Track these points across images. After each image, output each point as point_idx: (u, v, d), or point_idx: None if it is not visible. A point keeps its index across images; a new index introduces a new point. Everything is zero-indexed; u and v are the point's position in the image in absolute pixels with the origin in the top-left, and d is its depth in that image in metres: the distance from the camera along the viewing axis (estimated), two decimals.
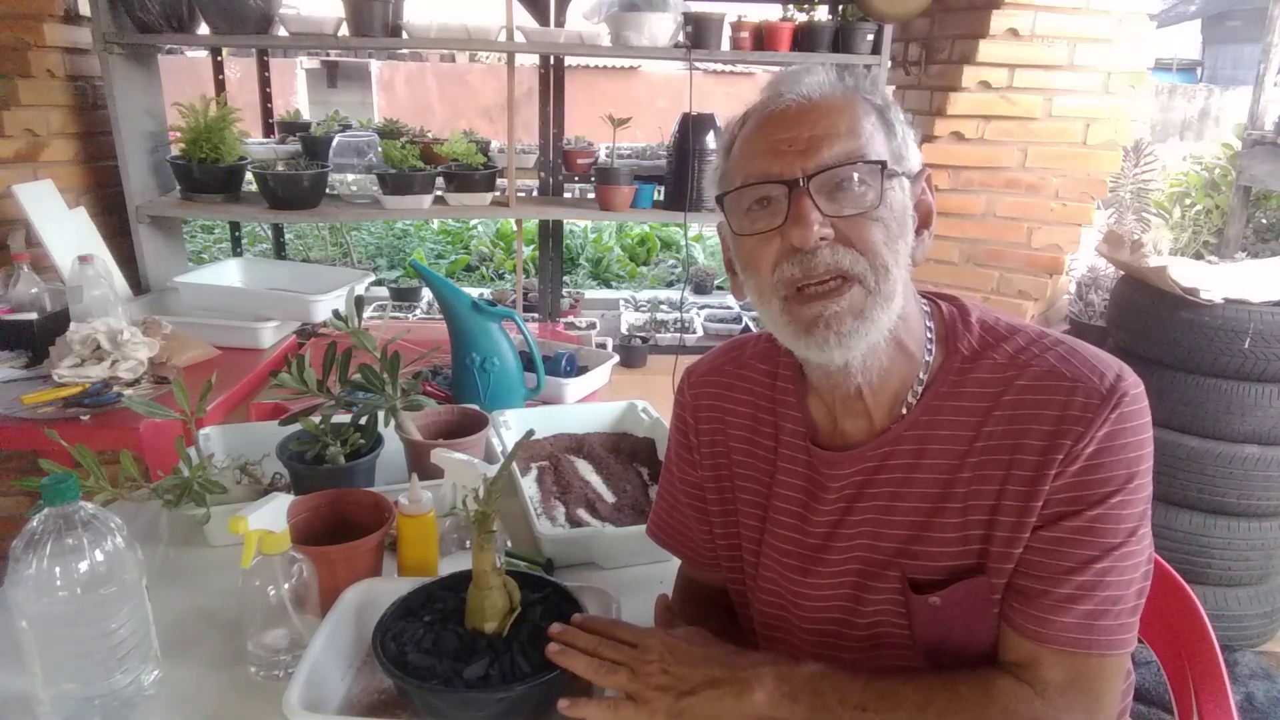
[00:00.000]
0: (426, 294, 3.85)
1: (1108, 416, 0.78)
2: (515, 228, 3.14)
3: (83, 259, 2.00)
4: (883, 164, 0.80)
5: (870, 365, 0.84)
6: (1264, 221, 3.90)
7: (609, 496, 1.43)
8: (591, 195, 2.85)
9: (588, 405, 1.88)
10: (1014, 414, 0.82)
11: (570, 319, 3.28)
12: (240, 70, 5.10)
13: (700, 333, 3.43)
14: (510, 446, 1.23)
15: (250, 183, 2.66)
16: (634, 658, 0.84)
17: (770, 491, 0.96)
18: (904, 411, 0.87)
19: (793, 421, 0.95)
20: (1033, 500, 0.80)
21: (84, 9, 2.46)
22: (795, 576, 0.93)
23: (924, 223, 0.88)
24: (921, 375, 0.87)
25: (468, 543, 1.21)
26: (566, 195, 3.02)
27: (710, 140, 2.66)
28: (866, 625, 0.90)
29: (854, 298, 0.80)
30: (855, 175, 0.80)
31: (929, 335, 0.89)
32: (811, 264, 0.80)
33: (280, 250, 3.33)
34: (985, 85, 2.75)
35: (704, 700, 0.81)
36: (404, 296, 3.89)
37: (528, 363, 1.85)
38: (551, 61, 2.76)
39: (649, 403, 1.66)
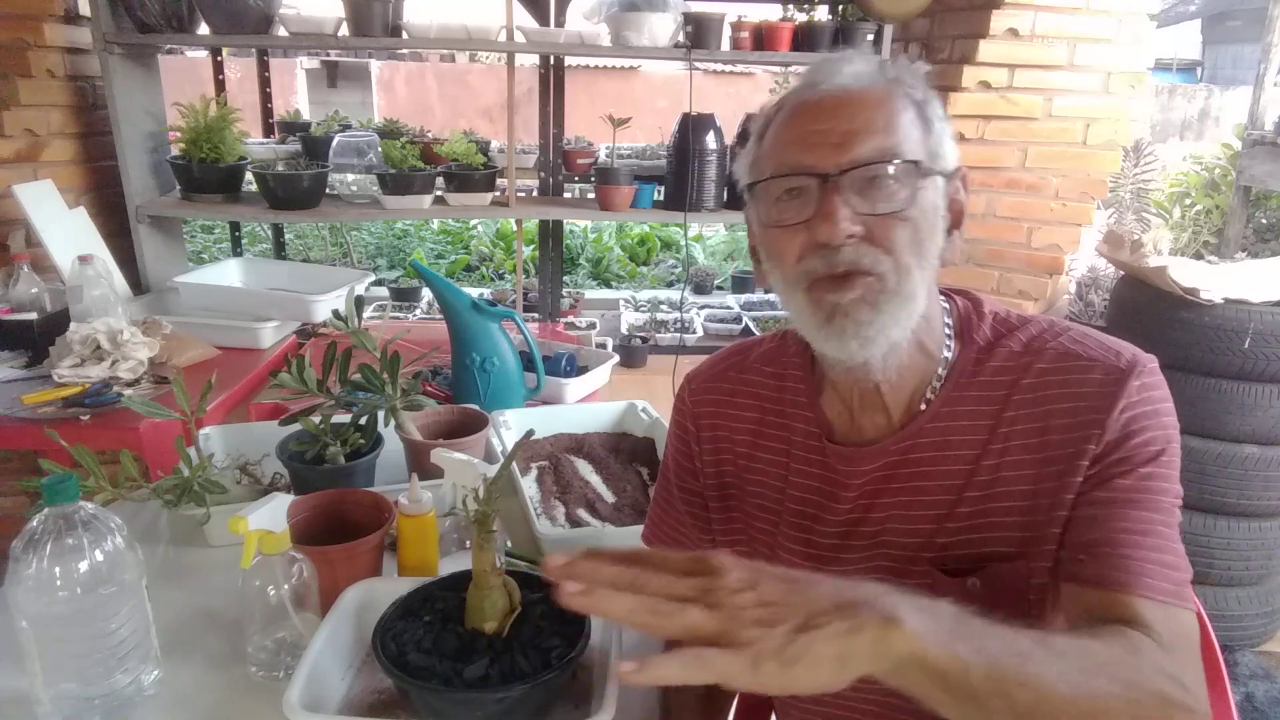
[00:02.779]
0: (426, 294, 3.86)
1: (1133, 385, 0.79)
2: (515, 228, 3.14)
3: (83, 259, 2.00)
4: (917, 163, 0.79)
5: (890, 364, 0.84)
6: (1264, 221, 3.90)
7: (609, 496, 1.43)
8: (591, 195, 2.84)
9: (588, 405, 1.88)
10: (1036, 396, 0.82)
11: (570, 319, 3.28)
12: (240, 70, 5.11)
13: (700, 333, 3.43)
14: (510, 446, 1.23)
15: (250, 183, 2.66)
16: (704, 587, 0.58)
17: (784, 494, 0.95)
18: (923, 406, 0.87)
19: (805, 421, 0.94)
20: (1072, 476, 0.79)
21: (84, 9, 2.45)
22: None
23: (955, 223, 0.86)
24: (940, 371, 0.87)
25: (468, 543, 1.21)
26: (566, 195, 3.02)
27: (710, 140, 2.66)
28: None
29: (868, 286, 0.79)
30: (889, 172, 0.78)
31: (947, 332, 0.89)
32: (835, 260, 0.79)
33: (280, 250, 3.33)
34: (985, 85, 2.74)
35: (831, 635, 0.56)
36: (404, 296, 3.90)
37: (528, 363, 1.85)
38: (551, 61, 2.76)
39: (649, 403, 1.66)
